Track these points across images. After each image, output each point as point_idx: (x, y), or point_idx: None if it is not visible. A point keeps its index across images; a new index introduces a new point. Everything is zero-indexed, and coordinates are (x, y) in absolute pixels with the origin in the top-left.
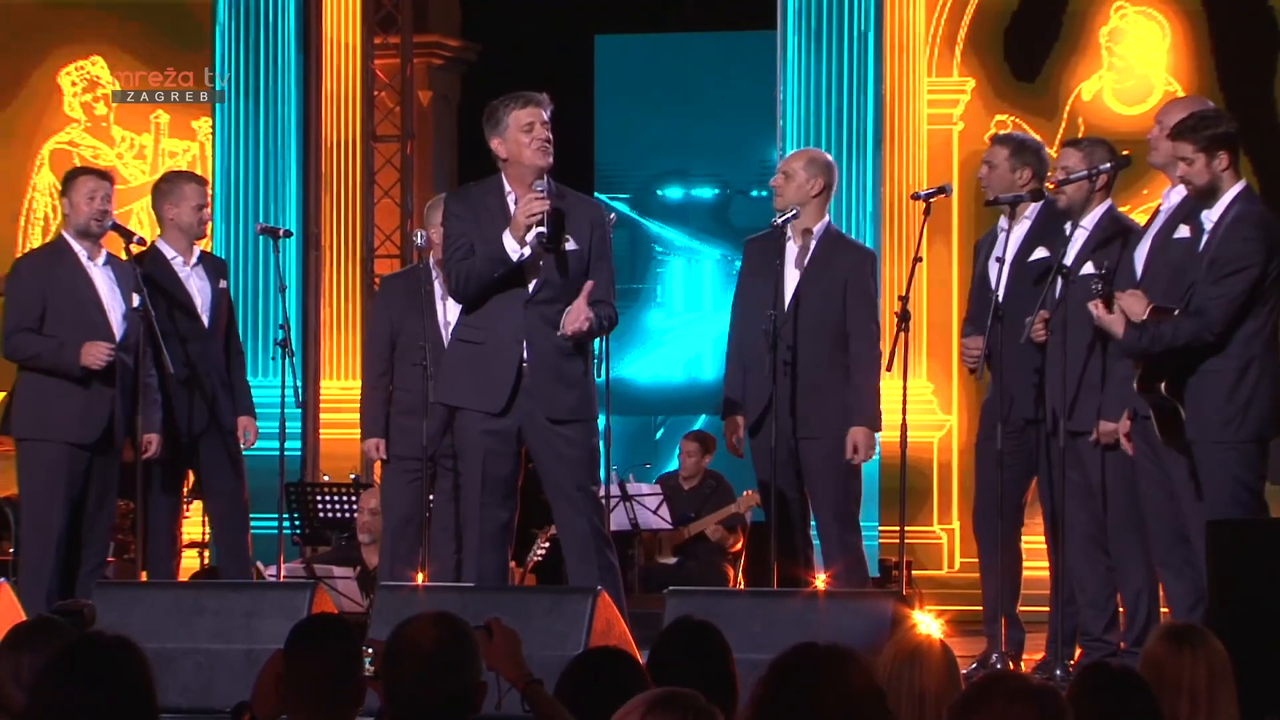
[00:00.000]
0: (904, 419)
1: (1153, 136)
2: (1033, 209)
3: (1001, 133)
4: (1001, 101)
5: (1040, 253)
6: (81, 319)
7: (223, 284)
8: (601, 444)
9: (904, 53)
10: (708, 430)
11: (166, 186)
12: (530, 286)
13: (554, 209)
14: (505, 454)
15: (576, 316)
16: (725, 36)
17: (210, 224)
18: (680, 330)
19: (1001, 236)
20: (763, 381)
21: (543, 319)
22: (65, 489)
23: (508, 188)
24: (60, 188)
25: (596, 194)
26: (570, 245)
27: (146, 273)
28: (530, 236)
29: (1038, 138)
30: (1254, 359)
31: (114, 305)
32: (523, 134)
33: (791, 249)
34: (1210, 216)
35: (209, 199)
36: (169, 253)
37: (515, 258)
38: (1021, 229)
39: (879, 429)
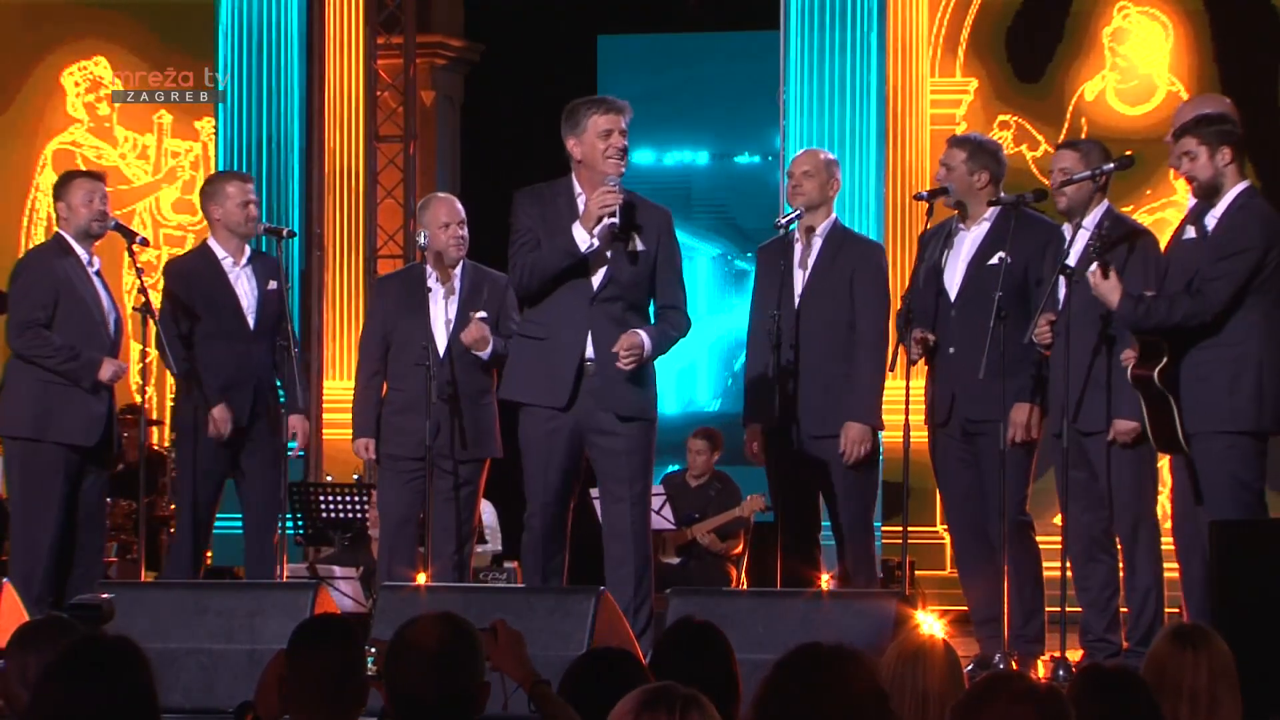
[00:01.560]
0: (906, 419)
1: (1170, 139)
2: (992, 211)
3: (958, 135)
4: (1004, 102)
5: (1005, 259)
6: (86, 321)
7: (273, 285)
8: None
9: (907, 53)
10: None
11: (210, 188)
12: (595, 284)
13: (626, 204)
14: (567, 451)
15: (624, 346)
16: (729, 36)
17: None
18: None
19: (960, 236)
20: (770, 383)
21: (607, 317)
22: (61, 492)
23: (578, 189)
24: (53, 191)
25: None
26: (639, 246)
27: (183, 274)
28: (601, 228)
29: (997, 139)
30: (1253, 352)
31: (110, 311)
32: (600, 140)
33: (799, 250)
34: (1213, 215)
35: (254, 192)
36: (219, 253)
37: (584, 248)
38: (980, 231)
39: (878, 425)
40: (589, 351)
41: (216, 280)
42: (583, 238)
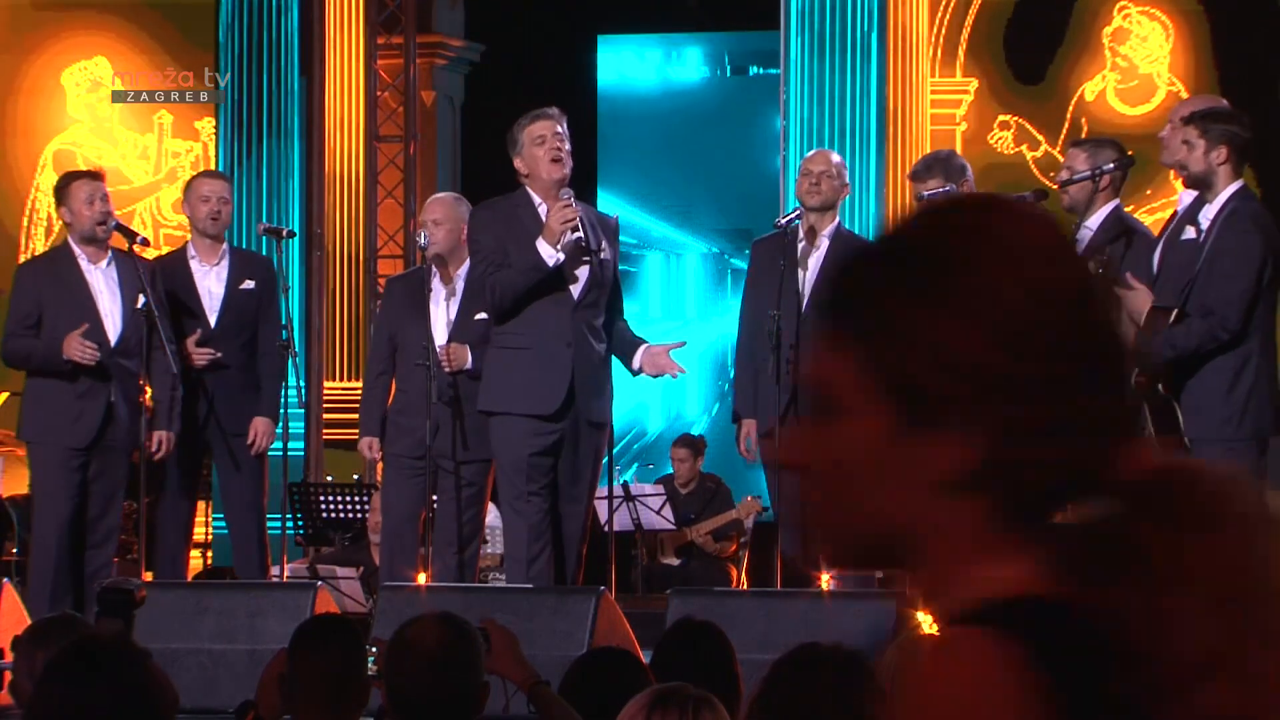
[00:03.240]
0: None
1: (1165, 136)
2: None
3: (918, 167)
4: (1004, 102)
5: None
6: (77, 324)
7: (250, 283)
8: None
9: (907, 53)
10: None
11: (185, 190)
12: (576, 293)
13: (586, 214)
14: (550, 456)
15: (668, 362)
16: (729, 37)
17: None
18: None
19: None
20: (770, 383)
21: (585, 324)
22: (65, 490)
23: (536, 199)
24: (54, 196)
25: (600, 194)
26: (605, 254)
27: (157, 275)
28: (569, 239)
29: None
30: (1250, 356)
31: (113, 308)
32: (536, 147)
33: (803, 249)
34: (1207, 214)
35: (220, 191)
36: (190, 252)
37: (551, 263)
38: None
39: None
40: (571, 356)
41: (181, 280)
42: (548, 252)
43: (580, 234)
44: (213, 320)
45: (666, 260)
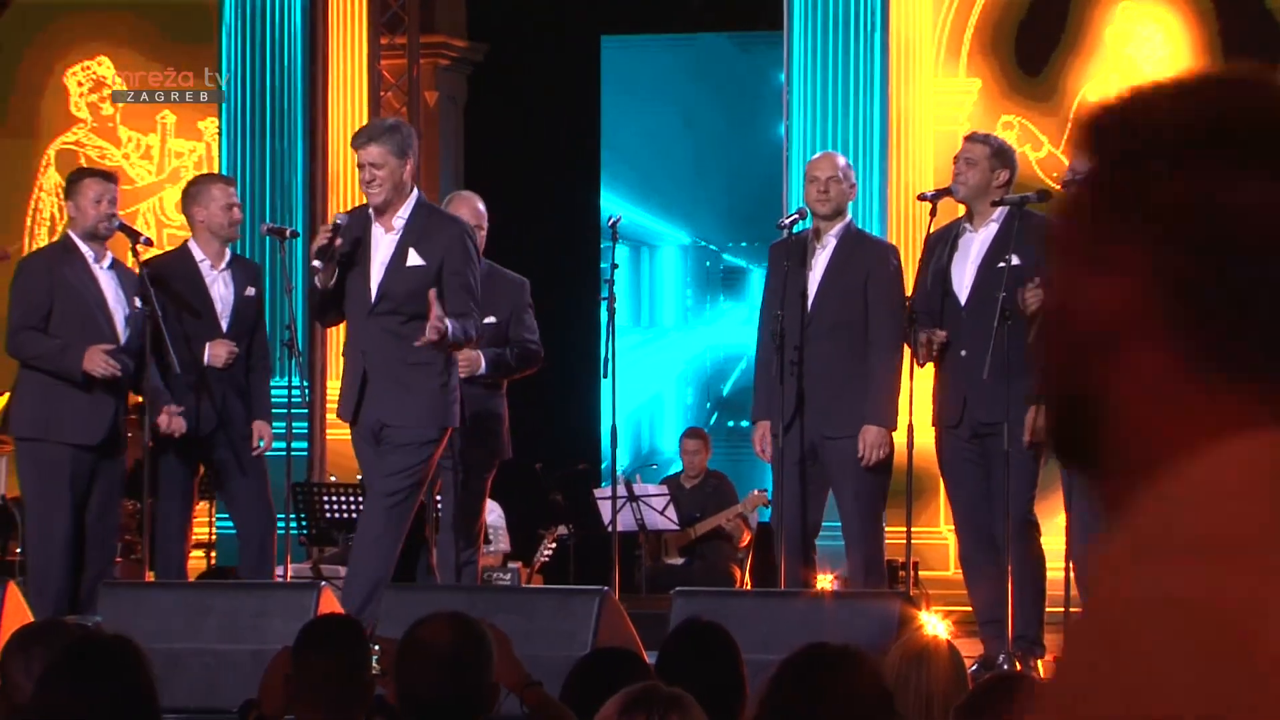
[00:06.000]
0: (910, 419)
1: None
2: (999, 212)
3: (980, 132)
4: (1008, 102)
5: (1012, 260)
6: (87, 321)
7: (251, 290)
8: (606, 443)
9: (910, 53)
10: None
11: (194, 190)
12: (372, 298)
13: (414, 212)
14: (366, 458)
15: (427, 328)
16: (732, 36)
17: (240, 224)
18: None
19: (967, 238)
20: (774, 383)
21: (383, 329)
22: (69, 491)
23: (372, 216)
24: (64, 189)
25: (602, 193)
26: (415, 261)
27: (160, 274)
28: (318, 263)
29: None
30: None
31: (118, 308)
32: (359, 170)
33: (815, 250)
34: None
35: (237, 197)
36: (197, 255)
37: (319, 283)
38: (988, 232)
39: (894, 427)
40: (364, 362)
41: (192, 282)
42: (314, 270)
43: (317, 262)
44: (224, 325)
45: (636, 256)
